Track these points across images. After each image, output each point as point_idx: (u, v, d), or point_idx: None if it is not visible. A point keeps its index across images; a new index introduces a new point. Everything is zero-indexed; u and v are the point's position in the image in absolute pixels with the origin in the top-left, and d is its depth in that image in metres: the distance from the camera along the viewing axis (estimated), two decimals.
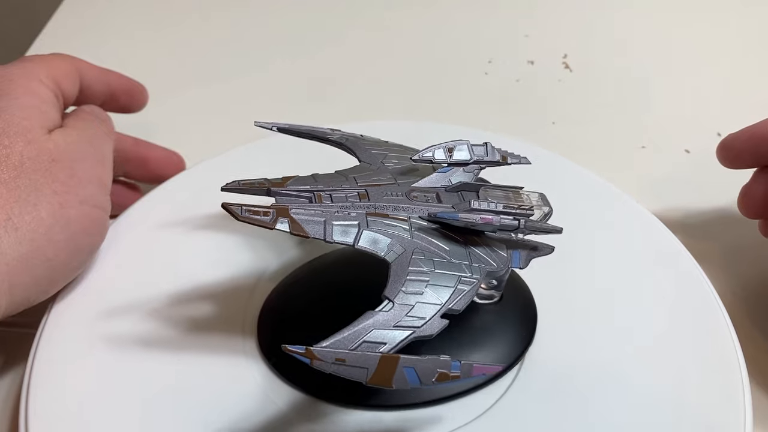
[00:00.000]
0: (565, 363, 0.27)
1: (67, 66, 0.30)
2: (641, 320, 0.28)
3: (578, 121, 0.43)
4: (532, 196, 0.26)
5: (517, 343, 0.27)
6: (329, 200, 0.23)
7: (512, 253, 0.24)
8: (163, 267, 0.30)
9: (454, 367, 0.20)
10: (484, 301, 0.27)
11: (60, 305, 0.28)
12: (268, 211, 0.21)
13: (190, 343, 0.27)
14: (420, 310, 0.20)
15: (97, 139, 0.29)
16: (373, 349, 0.19)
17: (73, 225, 0.26)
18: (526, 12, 0.54)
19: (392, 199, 0.24)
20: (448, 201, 0.24)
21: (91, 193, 0.27)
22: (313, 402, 0.25)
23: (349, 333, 0.20)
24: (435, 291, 0.21)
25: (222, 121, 0.43)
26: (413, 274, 0.21)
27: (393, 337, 0.20)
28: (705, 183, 0.36)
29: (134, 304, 0.28)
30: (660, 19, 0.53)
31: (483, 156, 0.25)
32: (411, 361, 0.19)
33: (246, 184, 0.24)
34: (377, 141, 0.28)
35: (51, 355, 0.26)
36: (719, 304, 0.28)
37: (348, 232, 0.22)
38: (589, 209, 0.33)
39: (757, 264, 0.34)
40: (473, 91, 0.46)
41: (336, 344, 0.19)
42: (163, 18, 0.53)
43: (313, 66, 0.48)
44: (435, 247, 0.22)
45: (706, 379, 0.26)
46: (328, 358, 0.19)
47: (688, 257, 0.30)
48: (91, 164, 0.28)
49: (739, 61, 0.48)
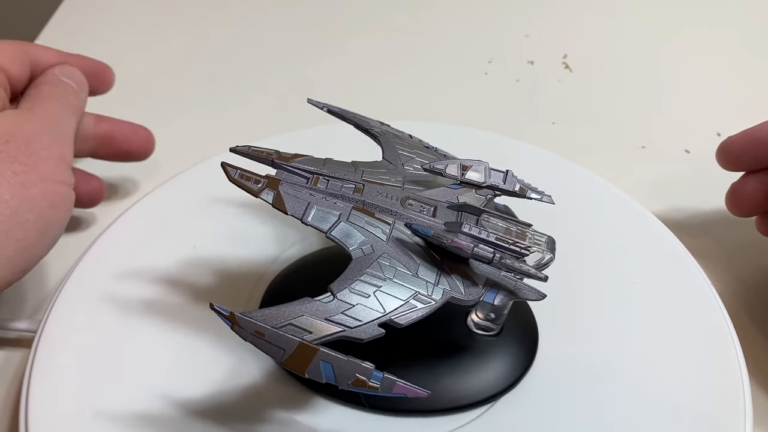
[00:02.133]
0: (564, 363, 0.27)
1: (13, 49, 0.30)
2: (641, 321, 0.28)
3: (578, 121, 0.43)
4: (538, 237, 0.24)
5: (508, 373, 0.26)
6: (325, 185, 0.23)
7: (488, 289, 0.22)
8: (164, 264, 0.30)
9: (375, 377, 0.19)
10: (481, 332, 0.26)
11: (60, 305, 0.28)
12: (259, 180, 0.22)
13: (191, 342, 0.27)
14: (359, 312, 0.20)
15: (56, 115, 0.29)
16: (296, 333, 0.19)
17: (38, 203, 0.26)
18: (526, 12, 0.54)
19: (385, 200, 0.23)
20: (443, 217, 0.23)
21: (52, 169, 0.27)
22: (311, 394, 0.25)
23: (280, 311, 0.20)
24: (383, 299, 0.21)
25: (222, 121, 0.43)
26: (368, 276, 0.21)
27: (321, 328, 0.20)
28: (705, 183, 0.36)
29: (135, 303, 0.28)
30: (660, 19, 0.53)
31: (499, 183, 0.24)
32: (331, 358, 0.19)
33: (255, 151, 0.24)
34: (415, 144, 0.27)
35: (51, 355, 0.26)
36: (719, 303, 0.28)
37: (326, 219, 0.22)
38: (589, 209, 0.33)
39: (757, 264, 0.34)
40: (473, 91, 0.46)
41: (262, 317, 0.19)
42: (163, 18, 0.53)
43: (313, 66, 0.48)
44: (405, 257, 0.22)
45: (706, 379, 0.26)
46: (248, 327, 0.19)
47: (688, 257, 0.30)
48: (49, 141, 0.27)
49: (739, 61, 0.48)
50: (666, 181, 0.38)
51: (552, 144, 0.37)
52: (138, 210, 0.32)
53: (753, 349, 0.28)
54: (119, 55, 0.47)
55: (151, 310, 0.28)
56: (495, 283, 0.22)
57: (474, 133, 0.37)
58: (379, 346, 0.20)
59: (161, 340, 0.27)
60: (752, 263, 0.34)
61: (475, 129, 0.37)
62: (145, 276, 0.29)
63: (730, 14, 0.54)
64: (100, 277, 0.29)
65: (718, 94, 0.45)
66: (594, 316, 0.28)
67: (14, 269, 0.25)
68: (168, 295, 0.29)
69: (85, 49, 0.34)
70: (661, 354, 0.27)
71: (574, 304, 0.29)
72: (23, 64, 0.30)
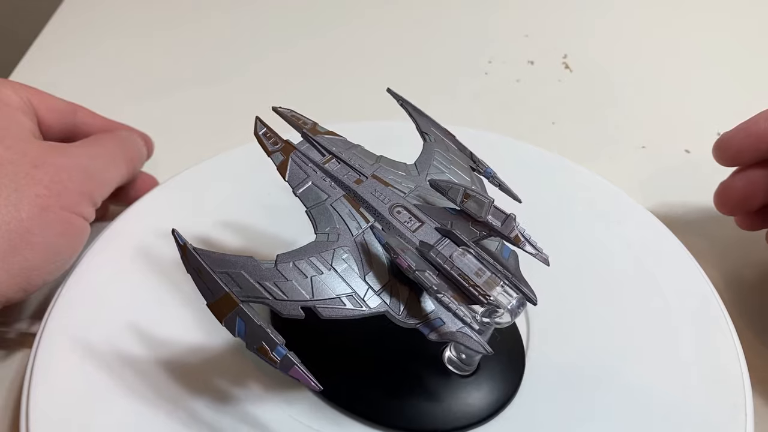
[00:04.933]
0: (564, 365, 0.27)
1: (57, 104, 0.31)
2: (641, 321, 0.28)
3: (578, 121, 0.43)
4: (506, 295, 0.21)
5: (485, 405, 0.25)
6: (334, 167, 0.24)
7: (427, 322, 0.21)
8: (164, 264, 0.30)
9: (278, 352, 0.19)
10: (452, 369, 0.25)
11: (61, 305, 0.28)
12: (278, 142, 0.24)
13: (195, 340, 0.27)
14: (289, 288, 0.21)
15: (97, 158, 0.30)
16: (228, 284, 0.20)
17: (52, 228, 0.26)
18: (526, 12, 0.54)
19: (376, 200, 0.23)
20: (425, 236, 0.22)
21: (75, 202, 0.28)
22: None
23: (225, 259, 0.21)
24: (318, 285, 0.21)
25: (221, 121, 0.42)
26: (316, 260, 0.21)
27: (249, 288, 0.20)
28: (705, 183, 0.36)
29: (136, 303, 0.28)
30: (660, 19, 0.53)
31: (496, 223, 0.22)
32: (247, 317, 0.19)
33: (294, 116, 0.26)
34: (459, 161, 0.26)
35: (52, 355, 0.26)
36: (719, 303, 0.28)
37: (313, 197, 0.23)
38: (589, 209, 0.33)
39: (757, 263, 0.34)
40: (473, 91, 0.46)
41: (207, 258, 0.20)
42: (163, 18, 0.53)
43: (313, 66, 0.48)
44: (363, 258, 0.22)
45: (706, 379, 0.26)
46: (192, 262, 0.20)
47: (688, 257, 0.30)
48: (81, 178, 0.28)
49: (739, 61, 0.48)
50: (666, 181, 0.38)
51: (552, 144, 0.37)
52: (137, 210, 0.32)
53: (753, 349, 0.28)
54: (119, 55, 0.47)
55: (152, 310, 0.28)
56: (445, 314, 0.21)
57: (474, 133, 0.37)
58: (369, 357, 0.20)
59: (163, 340, 0.27)
60: (752, 263, 0.34)
61: (475, 129, 0.37)
62: (146, 276, 0.29)
63: (731, 14, 0.54)
64: (101, 277, 0.29)
65: (718, 94, 0.45)
66: (592, 318, 0.28)
67: (16, 288, 0.26)
68: (169, 295, 0.29)
69: (85, 49, 0.34)
70: (661, 355, 0.27)
71: (572, 305, 0.29)
72: (64, 118, 0.31)
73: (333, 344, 0.26)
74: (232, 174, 0.34)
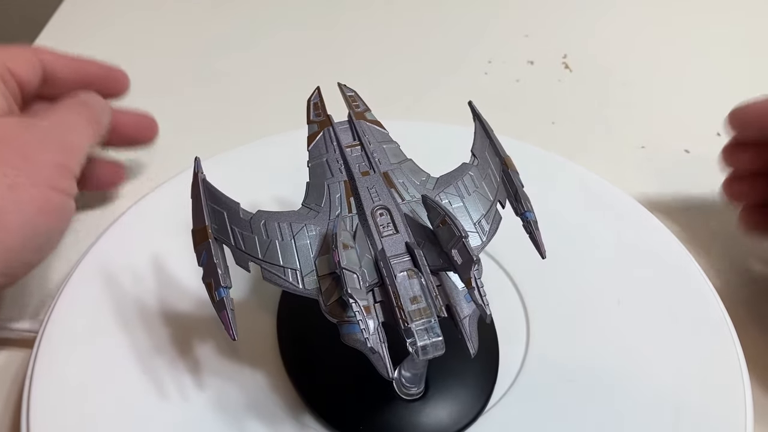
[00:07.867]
0: (563, 363, 0.27)
1: (26, 55, 0.30)
2: (640, 320, 0.28)
3: (578, 121, 0.43)
4: (430, 332, 0.20)
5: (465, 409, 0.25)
6: (354, 154, 0.24)
7: (347, 323, 0.21)
8: (165, 264, 0.30)
9: (219, 292, 0.20)
10: (403, 395, 0.25)
11: (62, 305, 0.28)
12: (321, 114, 0.26)
13: (194, 340, 0.27)
14: (249, 242, 0.22)
15: (65, 127, 0.29)
16: (210, 218, 0.21)
17: (26, 207, 0.26)
18: (526, 12, 0.54)
19: (367, 196, 0.23)
20: (391, 247, 0.22)
21: (48, 176, 0.27)
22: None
23: (220, 198, 0.22)
24: (271, 249, 0.22)
25: (221, 121, 0.43)
26: (286, 227, 0.22)
27: (222, 227, 0.22)
28: (705, 183, 0.36)
29: (136, 303, 0.28)
30: (660, 19, 0.53)
31: (457, 259, 0.21)
32: (210, 253, 0.21)
33: (351, 97, 0.27)
34: (487, 190, 0.24)
35: (52, 355, 0.26)
36: (719, 303, 0.28)
37: (319, 174, 0.24)
38: (589, 209, 0.33)
39: (757, 263, 0.34)
40: (473, 91, 0.46)
41: (208, 192, 0.22)
42: (163, 18, 0.53)
43: (313, 66, 0.48)
44: (324, 243, 0.22)
45: (706, 378, 0.26)
46: (194, 190, 0.22)
47: (687, 256, 0.30)
48: (51, 149, 0.27)
49: (739, 61, 0.48)
50: (665, 181, 0.38)
51: (552, 144, 0.37)
52: (138, 210, 0.32)
53: (753, 349, 0.28)
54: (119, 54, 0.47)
55: (153, 311, 0.28)
56: (353, 324, 0.20)
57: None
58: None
59: (164, 340, 0.27)
60: (752, 262, 0.34)
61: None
62: (147, 276, 0.29)
63: (731, 14, 0.54)
64: (102, 277, 0.29)
65: (718, 94, 0.45)
66: (592, 316, 0.28)
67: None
68: (169, 295, 0.29)
69: (85, 49, 0.34)
70: (661, 353, 0.27)
71: (572, 303, 0.29)
72: (35, 69, 0.31)
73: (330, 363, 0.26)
74: (233, 174, 0.34)
